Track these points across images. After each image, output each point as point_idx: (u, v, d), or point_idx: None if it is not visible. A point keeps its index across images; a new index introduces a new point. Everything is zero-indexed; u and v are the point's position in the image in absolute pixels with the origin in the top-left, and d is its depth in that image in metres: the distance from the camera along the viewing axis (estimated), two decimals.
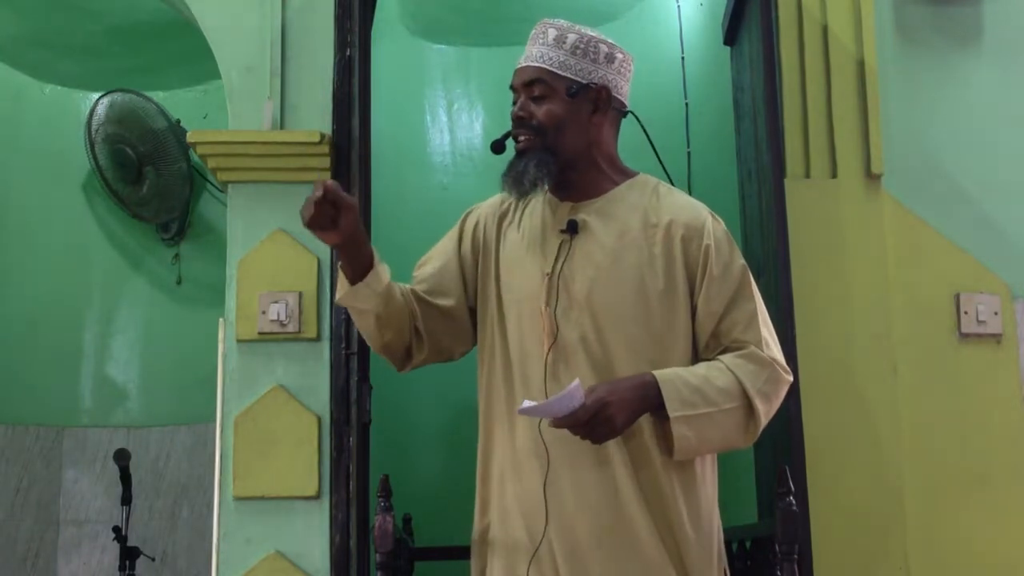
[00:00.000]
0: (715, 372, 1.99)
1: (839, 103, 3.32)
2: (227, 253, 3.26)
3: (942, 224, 3.32)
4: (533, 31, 2.17)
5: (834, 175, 3.30)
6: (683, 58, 4.58)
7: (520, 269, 2.12)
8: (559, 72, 2.10)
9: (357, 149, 3.26)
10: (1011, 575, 3.14)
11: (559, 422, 1.87)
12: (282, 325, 3.17)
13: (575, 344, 2.03)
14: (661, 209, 2.10)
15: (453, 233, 2.23)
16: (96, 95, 4.86)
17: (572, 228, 2.09)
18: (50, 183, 4.88)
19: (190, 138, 3.34)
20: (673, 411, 1.93)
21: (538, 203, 2.17)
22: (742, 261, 2.10)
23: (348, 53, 3.29)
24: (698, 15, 4.54)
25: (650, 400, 1.94)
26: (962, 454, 3.20)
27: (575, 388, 1.84)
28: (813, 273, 3.19)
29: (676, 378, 1.96)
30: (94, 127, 4.66)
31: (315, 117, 3.29)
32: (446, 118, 4.96)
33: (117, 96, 4.70)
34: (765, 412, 2.01)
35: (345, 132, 3.26)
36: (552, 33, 2.12)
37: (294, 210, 3.25)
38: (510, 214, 2.19)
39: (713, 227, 2.08)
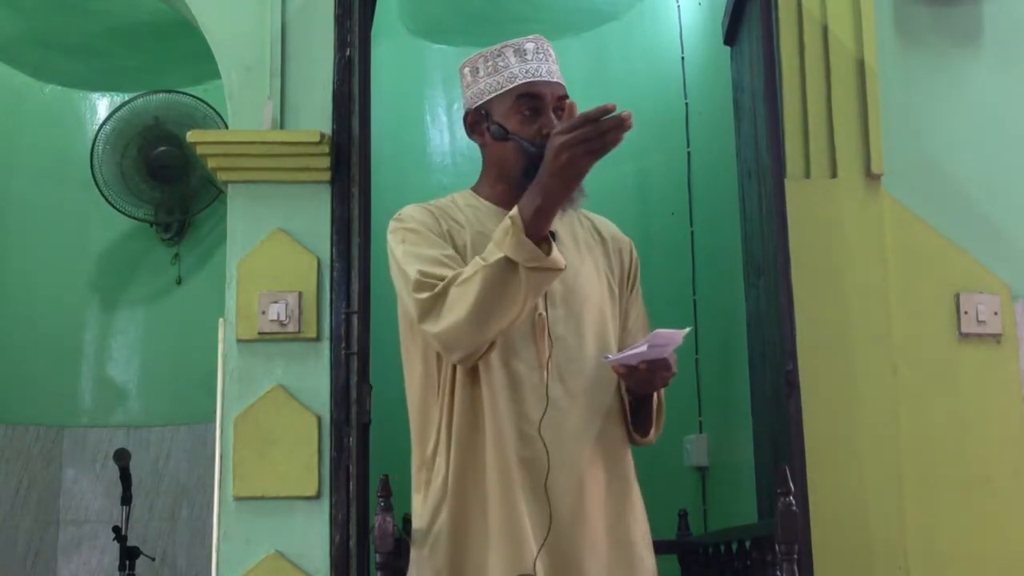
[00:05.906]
0: None
1: (839, 103, 3.31)
2: (227, 253, 3.26)
3: (942, 224, 3.32)
4: (536, 44, 2.17)
5: (834, 175, 3.29)
6: (683, 58, 4.58)
7: None
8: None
9: (357, 149, 3.27)
10: (1011, 575, 3.14)
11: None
12: (282, 325, 3.18)
13: (565, 339, 2.08)
14: (598, 224, 2.27)
15: (430, 225, 2.16)
16: (96, 95, 4.87)
17: (551, 235, 2.10)
18: (50, 183, 4.88)
19: (190, 138, 3.34)
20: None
21: (478, 212, 2.16)
22: None
23: (348, 53, 3.29)
24: (698, 15, 4.54)
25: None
26: (962, 454, 3.20)
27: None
28: (813, 273, 3.18)
29: None
30: (126, 140, 4.68)
31: (315, 117, 3.29)
32: (446, 118, 4.96)
33: (162, 96, 4.74)
34: None
35: (345, 132, 3.26)
36: (552, 53, 2.20)
37: (294, 210, 3.30)
38: (443, 225, 2.18)
39: (631, 243, 2.32)
